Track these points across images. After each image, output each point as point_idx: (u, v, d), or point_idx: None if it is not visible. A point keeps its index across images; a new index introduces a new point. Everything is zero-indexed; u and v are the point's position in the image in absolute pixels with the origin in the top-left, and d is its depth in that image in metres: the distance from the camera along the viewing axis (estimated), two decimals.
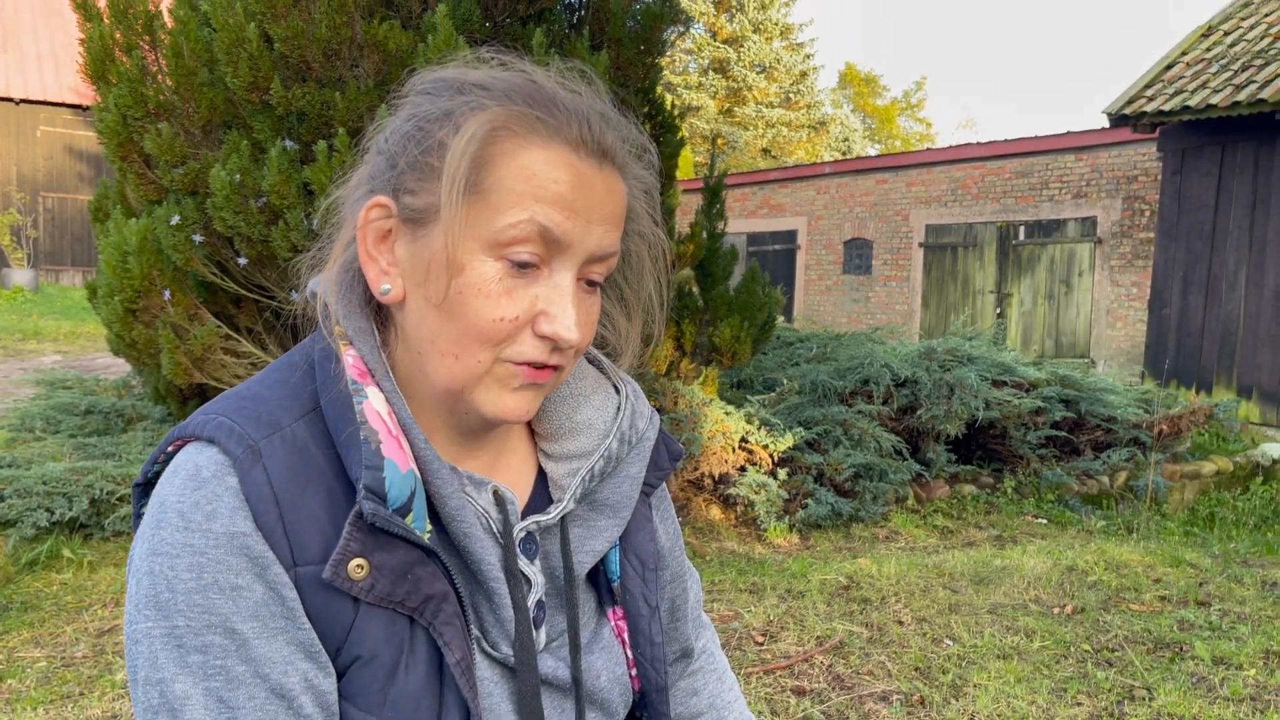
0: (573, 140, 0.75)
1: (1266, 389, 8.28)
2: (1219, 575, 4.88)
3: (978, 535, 5.76)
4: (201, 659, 0.68)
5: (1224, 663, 3.70)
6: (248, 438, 0.73)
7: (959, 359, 6.47)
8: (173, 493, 0.71)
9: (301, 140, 4.46)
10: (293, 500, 0.72)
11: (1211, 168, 8.72)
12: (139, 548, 0.72)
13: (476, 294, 0.73)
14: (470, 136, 0.73)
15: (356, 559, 0.71)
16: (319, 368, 0.79)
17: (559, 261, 0.75)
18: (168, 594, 0.69)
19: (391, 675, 0.73)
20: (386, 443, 0.73)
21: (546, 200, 0.73)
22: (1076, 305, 11.85)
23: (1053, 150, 12.03)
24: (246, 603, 0.69)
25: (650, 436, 0.90)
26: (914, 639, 3.86)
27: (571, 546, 0.86)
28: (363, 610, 0.73)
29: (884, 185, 14.22)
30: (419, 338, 0.77)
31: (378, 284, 0.78)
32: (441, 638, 0.75)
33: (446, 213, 0.73)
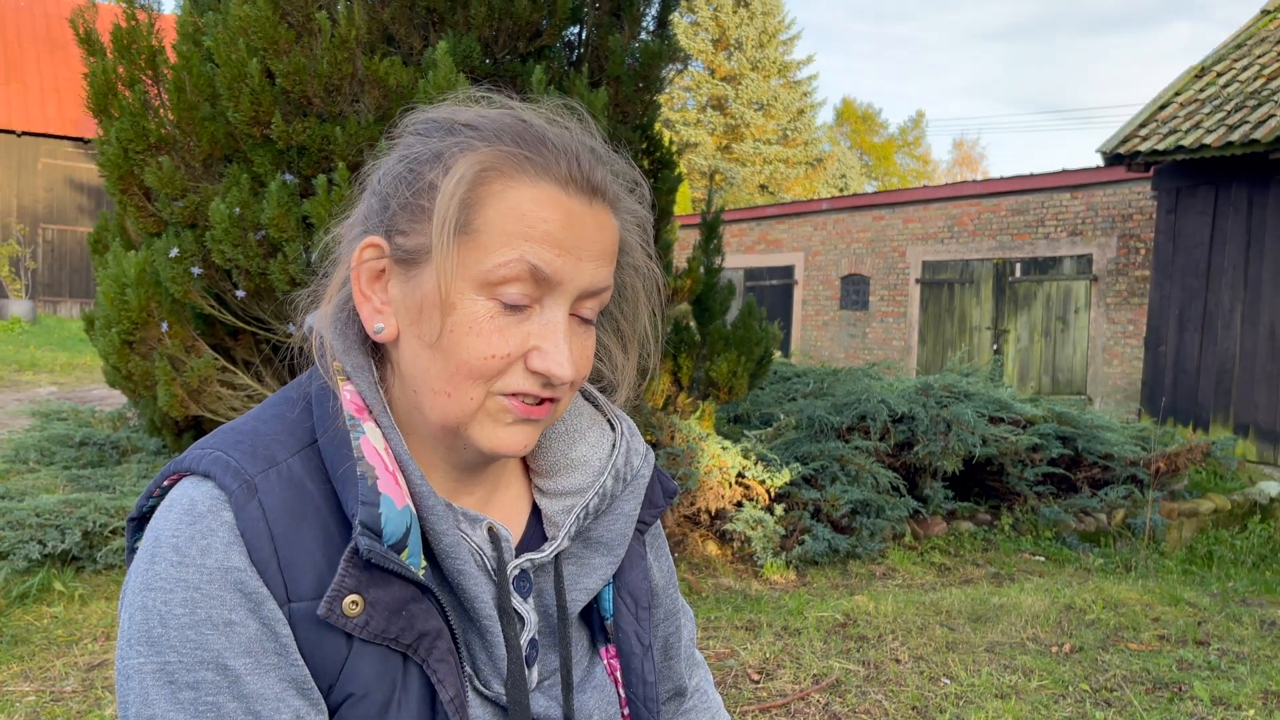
0: (561, 178, 0.76)
1: (1263, 427, 8.28)
2: (1217, 614, 4.86)
3: (975, 573, 5.73)
4: (193, 695, 0.68)
5: (1223, 703, 3.67)
6: (244, 473, 0.73)
7: (956, 395, 6.48)
8: (168, 527, 0.71)
9: (301, 174, 4.49)
10: (288, 536, 0.72)
11: (1206, 207, 8.78)
12: (132, 582, 0.72)
13: (468, 332, 0.73)
14: (460, 178, 0.74)
15: (351, 595, 0.71)
16: (316, 403, 0.79)
17: (550, 298, 0.76)
18: (160, 629, 0.69)
19: (384, 713, 0.73)
20: (383, 478, 0.73)
21: (536, 239, 0.74)
22: (1073, 342, 11.88)
23: (1049, 188, 12.11)
24: (240, 639, 0.69)
25: (645, 474, 0.90)
26: (911, 677, 3.83)
27: (565, 584, 0.86)
28: (356, 647, 0.72)
29: (881, 222, 14.31)
30: (413, 375, 0.77)
31: (372, 323, 0.78)
32: (435, 675, 0.74)
33: (438, 254, 0.73)
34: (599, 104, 4.75)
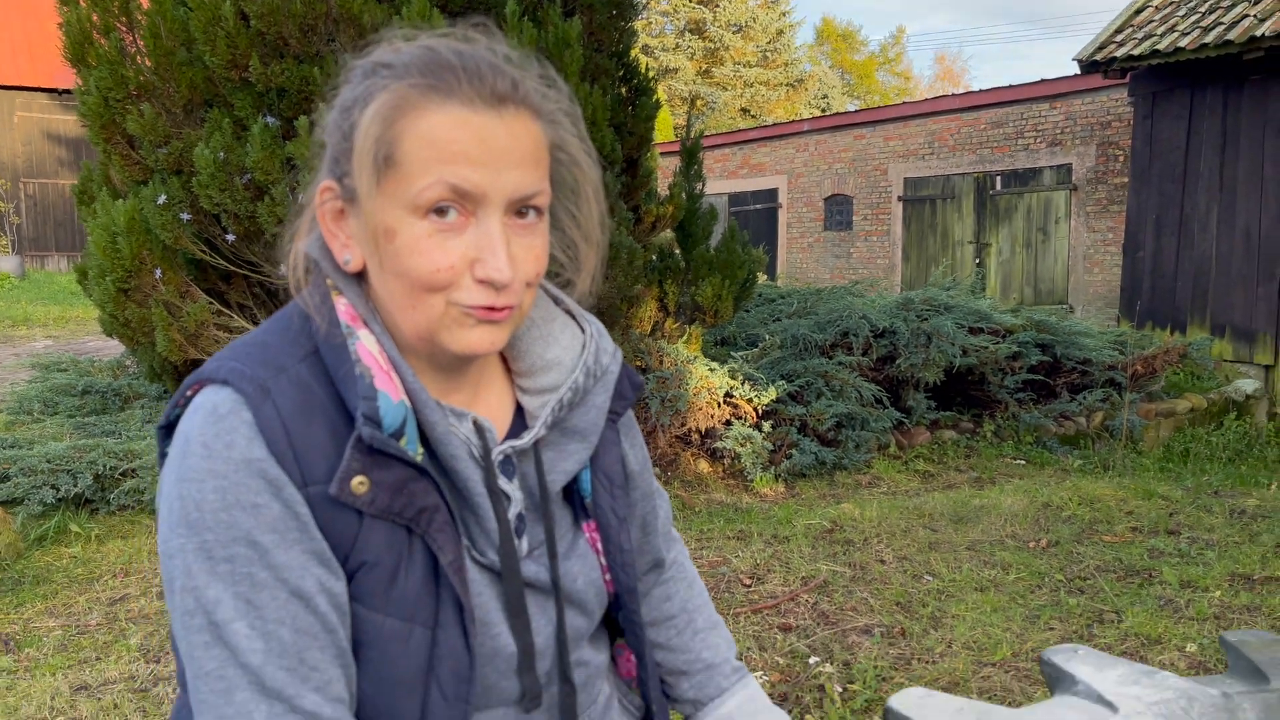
0: (466, 97, 0.82)
1: (1239, 326, 8.46)
2: (1189, 506, 5.07)
3: (958, 478, 5.94)
4: (229, 567, 0.80)
5: (1191, 586, 3.88)
6: (257, 378, 0.84)
7: (936, 308, 6.61)
8: (195, 428, 0.82)
9: (283, 116, 4.53)
10: (300, 430, 0.83)
11: (1181, 111, 8.84)
12: (167, 477, 0.84)
13: (412, 253, 0.82)
14: (371, 117, 0.82)
15: (358, 476, 0.82)
16: (310, 316, 0.89)
17: (482, 210, 0.83)
18: (196, 514, 0.80)
19: (393, 578, 0.85)
20: (379, 377, 0.85)
21: (451, 160, 0.81)
22: (1054, 252, 12.00)
23: (1027, 100, 12.11)
24: (265, 518, 0.80)
25: (613, 370, 1.01)
26: (895, 576, 4.03)
27: (545, 467, 0.98)
28: (366, 523, 0.84)
29: (862, 141, 14.29)
30: (383, 296, 0.87)
31: (341, 256, 0.88)
32: (435, 543, 0.86)
33: (362, 190, 0.83)
34: (573, 33, 4.78)
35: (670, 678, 1.17)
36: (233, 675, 0.79)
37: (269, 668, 0.80)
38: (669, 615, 1.18)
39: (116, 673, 3.16)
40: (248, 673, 0.79)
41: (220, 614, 0.80)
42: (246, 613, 0.80)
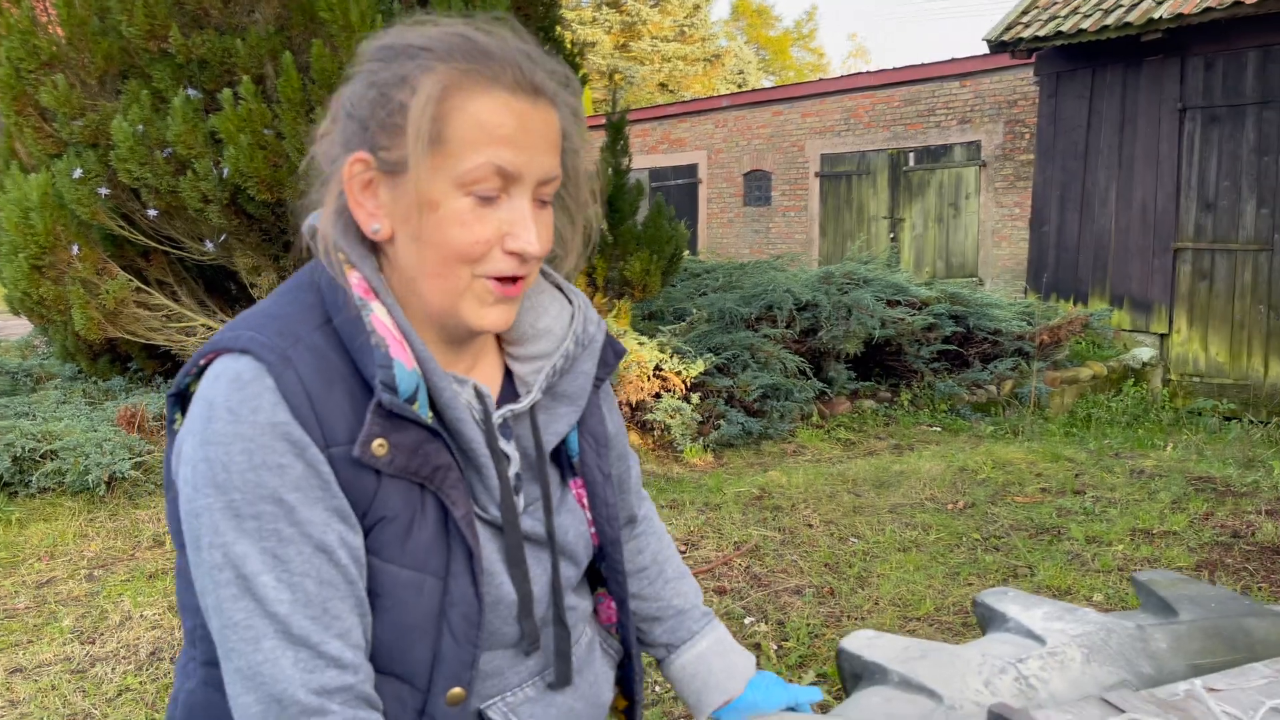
0: (509, 85, 0.90)
1: (1136, 297, 8.88)
2: (1093, 467, 5.36)
3: (878, 445, 6.15)
4: (256, 524, 0.85)
5: (1096, 541, 4.13)
6: (277, 347, 0.89)
7: (855, 281, 6.81)
8: (219, 393, 0.87)
9: (204, 89, 4.44)
10: (321, 395, 0.88)
11: (1084, 90, 9.19)
12: (190, 441, 0.88)
13: (453, 224, 0.89)
14: (426, 98, 0.88)
15: (378, 439, 0.88)
16: (327, 290, 0.94)
17: (515, 189, 0.91)
18: (224, 474, 0.85)
19: (408, 531, 0.91)
20: (393, 347, 0.90)
21: (497, 143, 0.89)
22: (964, 227, 12.38)
23: (938, 78, 12.41)
24: (290, 477, 0.86)
25: (599, 339, 1.09)
26: (822, 539, 4.19)
27: (539, 428, 1.05)
28: (384, 481, 0.90)
29: (780, 117, 14.48)
30: (409, 265, 0.93)
31: (368, 225, 0.93)
32: (449, 498, 0.93)
33: (414, 166, 0.89)
34: (502, 5, 4.77)
35: (644, 624, 1.26)
36: (260, 624, 0.84)
37: (295, 616, 0.85)
38: (642, 566, 1.26)
39: (51, 655, 3.12)
40: (275, 622, 0.85)
41: (248, 567, 0.85)
42: (273, 566, 0.85)
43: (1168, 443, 6.43)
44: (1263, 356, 8.12)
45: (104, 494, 4.46)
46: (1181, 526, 4.24)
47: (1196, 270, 8.49)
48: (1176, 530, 4.19)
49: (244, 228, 4.72)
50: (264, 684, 0.84)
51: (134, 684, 2.94)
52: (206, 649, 0.97)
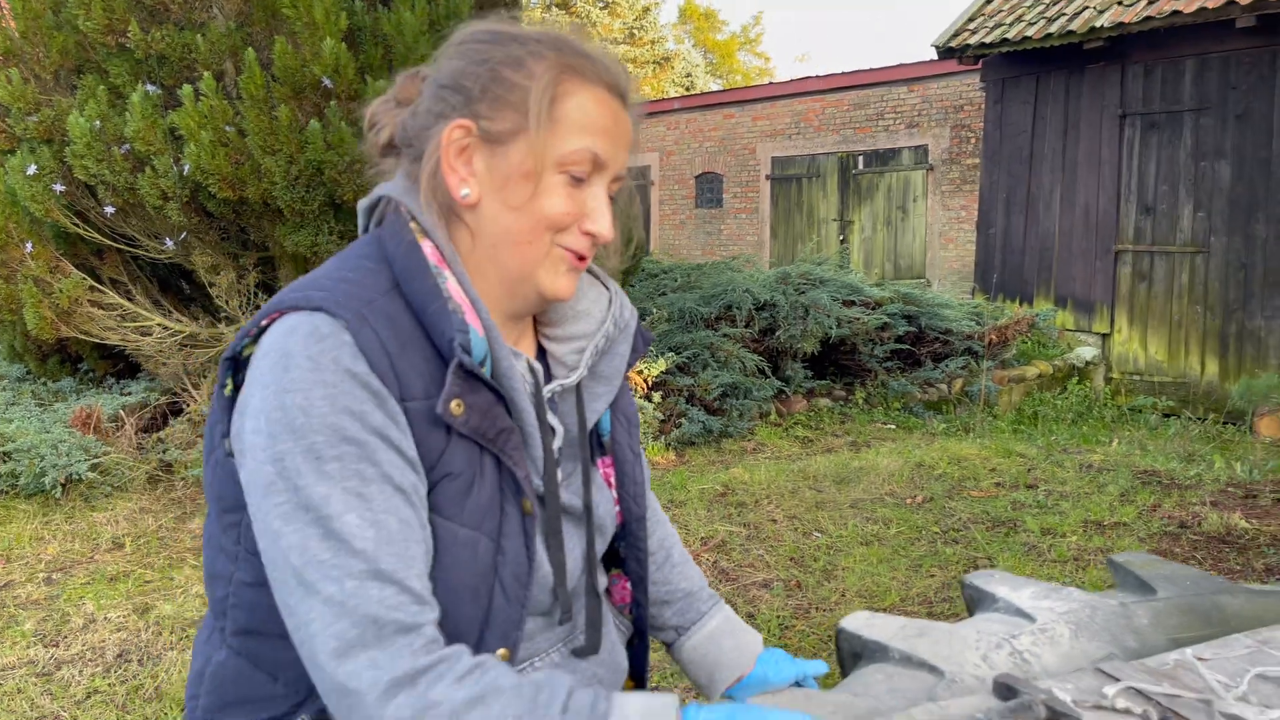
0: (610, 83, 0.99)
1: (1079, 298, 9.13)
2: (1044, 462, 5.51)
3: (835, 442, 6.25)
4: (339, 465, 0.86)
5: (1051, 533, 4.25)
6: (352, 306, 0.91)
7: (812, 282, 6.91)
8: (297, 344, 0.88)
9: (164, 84, 4.38)
10: (398, 353, 0.92)
11: (1028, 96, 9.43)
12: (262, 393, 0.88)
13: (550, 194, 0.97)
14: (548, 80, 0.95)
15: (456, 399, 0.92)
16: (398, 257, 0.97)
17: (598, 177, 1.00)
18: (303, 419, 0.86)
19: (469, 489, 0.94)
20: (467, 313, 0.95)
21: (596, 132, 0.97)
22: (912, 229, 12.60)
23: (886, 82, 12.63)
24: (370, 423, 0.88)
25: (632, 324, 1.14)
26: (787, 534, 4.26)
27: (584, 405, 1.09)
28: (453, 440, 0.94)
29: (731, 120, 14.61)
30: (494, 231, 0.98)
31: (458, 190, 0.98)
32: (511, 459, 0.97)
33: (535, 137, 0.95)
34: (464, 7, 4.78)
35: (653, 608, 1.29)
36: (347, 561, 0.85)
37: (381, 552, 0.86)
38: (650, 551, 1.30)
39: (15, 658, 3.06)
40: (362, 559, 0.85)
41: (331, 508, 0.85)
42: (357, 505, 0.86)
43: (1112, 438, 6.63)
44: (1199, 355, 8.40)
45: (59, 496, 4.37)
46: (1131, 518, 4.38)
47: (1136, 272, 8.75)
48: (1126, 521, 4.34)
49: (203, 226, 4.66)
50: (358, 607, 0.84)
51: (103, 686, 2.90)
52: (243, 617, 0.98)
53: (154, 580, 3.73)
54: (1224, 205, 8.16)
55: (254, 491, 0.88)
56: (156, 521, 4.37)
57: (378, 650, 0.83)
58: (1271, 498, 4.56)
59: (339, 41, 4.18)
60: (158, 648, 3.11)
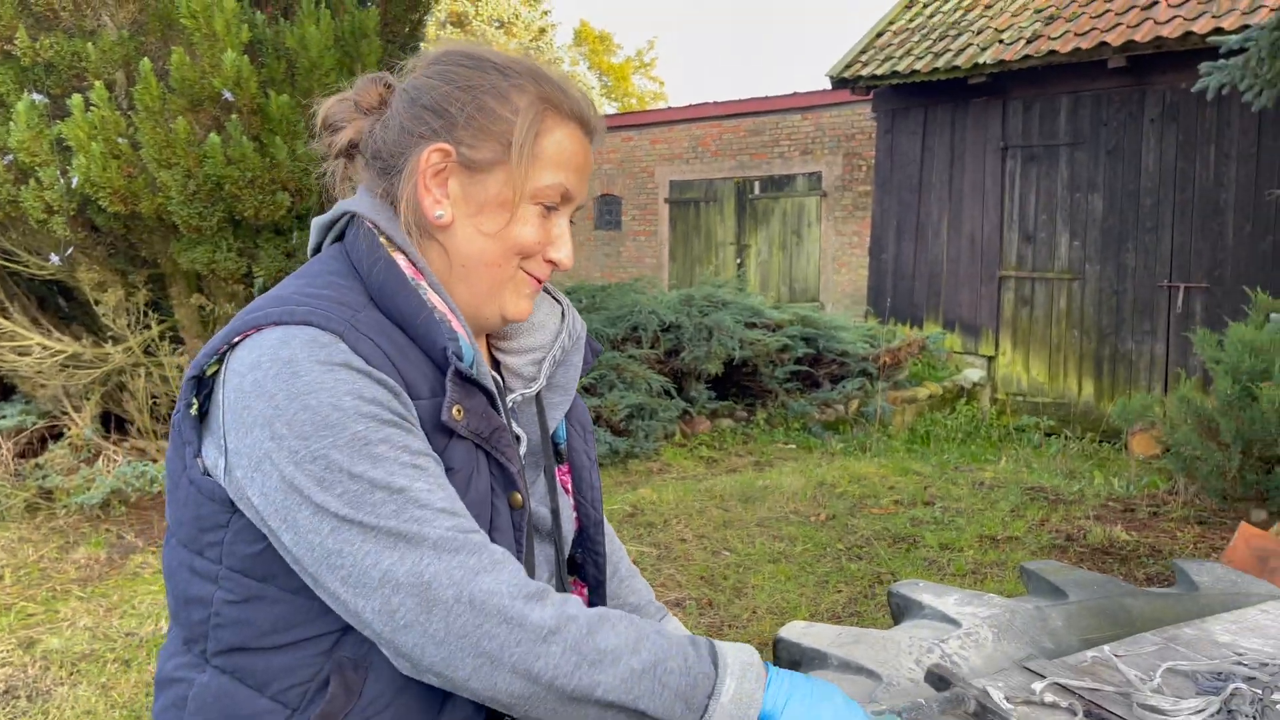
0: (582, 119, 1.03)
1: (966, 321, 9.51)
2: (939, 480, 5.71)
3: (739, 462, 6.35)
4: (387, 447, 0.87)
5: (949, 548, 4.41)
6: (341, 318, 0.92)
7: (715, 304, 7.02)
8: (299, 352, 0.88)
9: (51, 94, 4.20)
10: (398, 357, 0.93)
11: (917, 127, 9.81)
12: (267, 403, 0.87)
13: (523, 224, 1.01)
14: (533, 115, 0.99)
15: (456, 405, 0.94)
16: (373, 273, 0.97)
17: (563, 209, 1.04)
18: (336, 414, 0.86)
19: (468, 484, 0.96)
20: (453, 322, 0.97)
21: (569, 168, 1.02)
22: (807, 254, 12.93)
23: (782, 110, 12.96)
24: (395, 410, 0.90)
25: (583, 336, 1.18)
26: (697, 553, 4.30)
27: (545, 413, 1.12)
28: (453, 441, 0.95)
29: (630, 143, 14.75)
30: (466, 253, 1.00)
31: (432, 211, 1.00)
32: (504, 456, 0.99)
33: (516, 170, 0.98)
34: (370, 24, 4.73)
35: None
36: (436, 516, 0.87)
37: (458, 507, 0.90)
38: None
39: None
40: (448, 515, 0.88)
41: (399, 481, 0.87)
42: (419, 475, 0.89)
43: (1000, 456, 6.91)
44: (1076, 377, 8.84)
45: None
46: (1022, 532, 4.58)
47: (1019, 297, 9.17)
48: (1018, 535, 4.52)
49: (91, 241, 4.47)
50: (469, 540, 0.87)
51: None
52: (227, 636, 0.95)
53: (37, 614, 3.54)
54: (1097, 235, 8.63)
55: (293, 494, 0.86)
56: (37, 552, 4.15)
57: (501, 571, 0.87)
58: (1148, 511, 4.83)
59: (240, 54, 4.08)
60: (46, 683, 2.95)
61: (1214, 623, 1.37)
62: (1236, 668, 1.21)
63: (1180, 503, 4.86)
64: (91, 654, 3.16)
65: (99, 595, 3.71)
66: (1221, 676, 1.18)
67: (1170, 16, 7.83)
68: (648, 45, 48.72)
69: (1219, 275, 8.00)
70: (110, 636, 3.31)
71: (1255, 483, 4.25)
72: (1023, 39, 8.64)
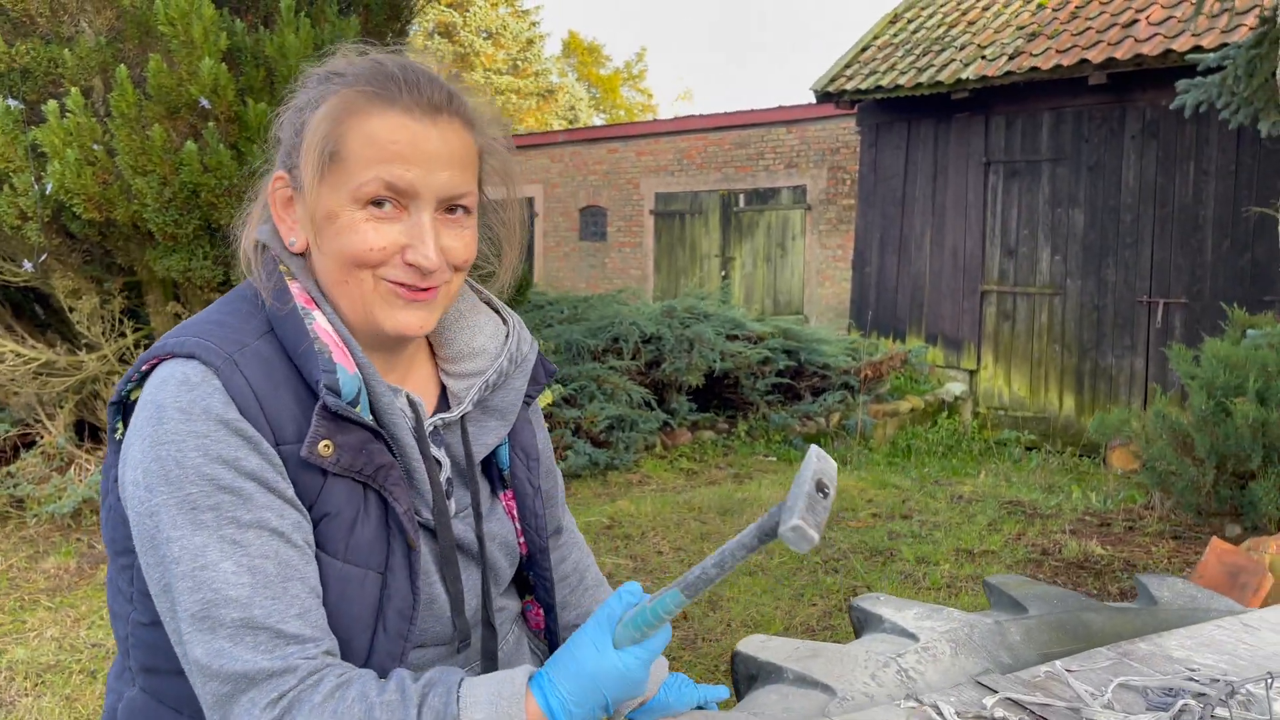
0: (405, 105, 0.95)
1: (948, 335, 9.55)
2: (918, 493, 5.71)
3: (719, 474, 6.34)
4: (214, 515, 0.86)
5: (925, 561, 4.40)
6: (224, 352, 0.91)
7: (697, 316, 7.03)
8: (169, 395, 0.88)
9: (26, 99, 4.17)
10: (269, 396, 0.91)
11: (900, 141, 9.86)
12: (139, 444, 0.89)
13: (350, 233, 0.95)
14: (322, 116, 0.95)
15: (324, 440, 0.92)
16: (266, 304, 0.97)
17: (415, 205, 0.96)
18: (178, 470, 0.86)
19: (351, 527, 0.94)
20: (335, 352, 0.94)
21: (388, 159, 0.94)
22: (791, 266, 12.97)
23: (767, 123, 13.01)
24: (245, 469, 0.88)
25: (531, 358, 1.15)
26: (673, 565, 4.29)
27: (469, 439, 1.09)
28: (330, 479, 0.93)
29: (615, 154, 14.78)
30: (323, 273, 0.98)
31: (287, 238, 1.00)
32: (391, 495, 0.96)
33: (307, 178, 0.95)
34: (351, 32, 4.72)
35: (566, 631, 1.29)
36: (220, 612, 0.85)
37: (256, 599, 0.86)
38: (564, 575, 1.31)
39: None
40: (236, 607, 0.86)
41: (207, 557, 0.86)
42: (233, 553, 0.86)
43: (980, 470, 6.93)
44: (1058, 391, 8.87)
45: None
46: (998, 546, 4.58)
47: (1001, 311, 9.21)
48: (994, 549, 4.53)
49: (65, 248, 4.44)
50: (226, 665, 0.85)
51: None
52: (143, 656, 0.97)
53: (4, 623, 3.50)
54: (1078, 250, 8.68)
55: (139, 541, 0.89)
56: (6, 561, 4.11)
57: (254, 692, 0.86)
58: (1124, 525, 4.85)
59: (218, 61, 4.06)
60: (11, 694, 2.91)
61: (1169, 638, 1.37)
62: (1188, 683, 1.20)
63: (1156, 518, 4.88)
64: (57, 665, 3.12)
65: (67, 605, 3.67)
66: (1172, 692, 1.18)
67: (1150, 34, 7.90)
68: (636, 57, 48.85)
69: (1198, 291, 8.05)
70: (77, 647, 3.28)
71: (1229, 498, 4.27)
72: (1005, 55, 8.71)
